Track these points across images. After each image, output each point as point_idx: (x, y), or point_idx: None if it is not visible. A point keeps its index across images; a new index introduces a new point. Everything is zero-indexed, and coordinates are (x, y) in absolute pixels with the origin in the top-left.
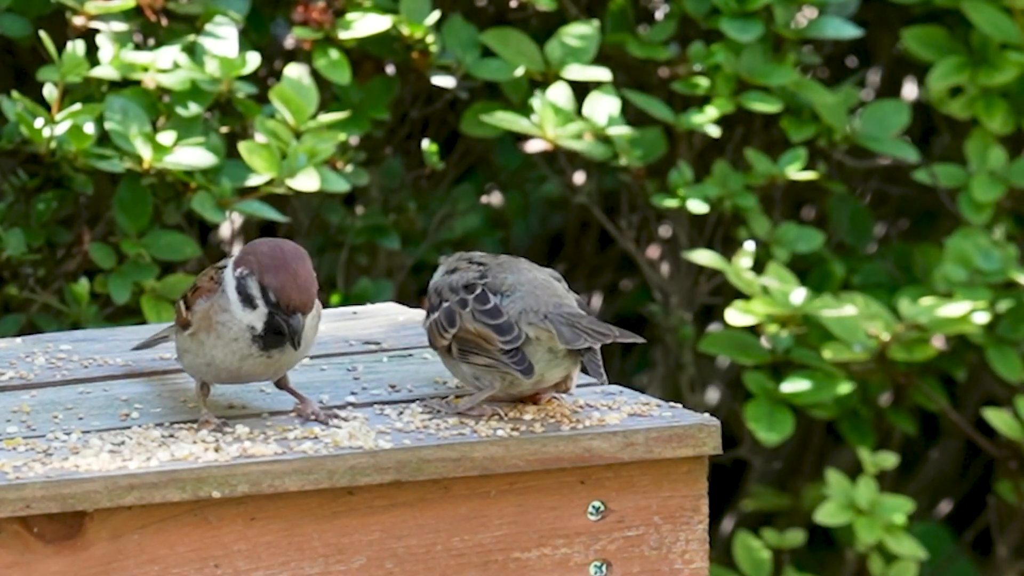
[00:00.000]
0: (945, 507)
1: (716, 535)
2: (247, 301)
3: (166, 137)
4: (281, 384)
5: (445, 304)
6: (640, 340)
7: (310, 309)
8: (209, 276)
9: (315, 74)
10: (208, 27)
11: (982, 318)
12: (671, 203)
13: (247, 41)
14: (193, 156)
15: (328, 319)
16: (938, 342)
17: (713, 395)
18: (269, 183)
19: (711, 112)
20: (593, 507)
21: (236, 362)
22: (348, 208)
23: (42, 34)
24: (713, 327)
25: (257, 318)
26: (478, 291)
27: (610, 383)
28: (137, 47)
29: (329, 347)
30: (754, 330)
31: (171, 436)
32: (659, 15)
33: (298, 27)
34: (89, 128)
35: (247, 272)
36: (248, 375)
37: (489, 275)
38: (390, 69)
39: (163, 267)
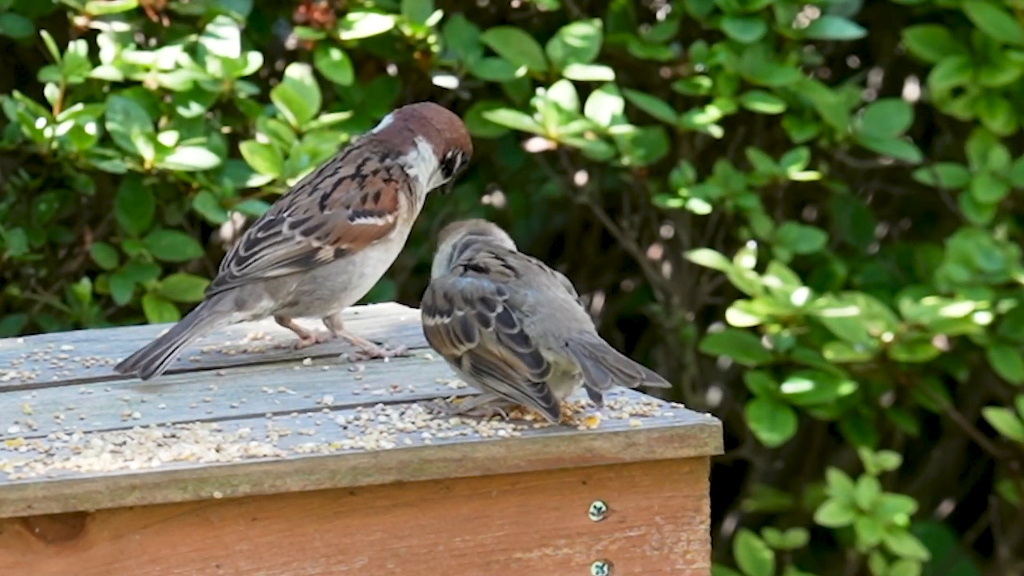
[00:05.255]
0: (947, 507)
1: (718, 535)
2: (447, 173)
3: (168, 137)
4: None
5: (459, 313)
6: (666, 384)
7: None
8: (383, 177)
9: (317, 74)
10: (210, 27)
11: (984, 318)
12: (673, 203)
13: (249, 41)
14: (195, 156)
15: None
16: (940, 342)
17: (715, 395)
18: (271, 183)
19: (713, 112)
20: (595, 507)
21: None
22: None
23: (44, 34)
24: (715, 327)
25: (442, 177)
26: (499, 309)
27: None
28: (139, 47)
29: (331, 347)
30: (756, 330)
31: (173, 436)
32: (661, 15)
33: (300, 27)
34: (91, 128)
35: (460, 152)
36: None
37: (507, 291)
38: (392, 69)
39: (165, 267)
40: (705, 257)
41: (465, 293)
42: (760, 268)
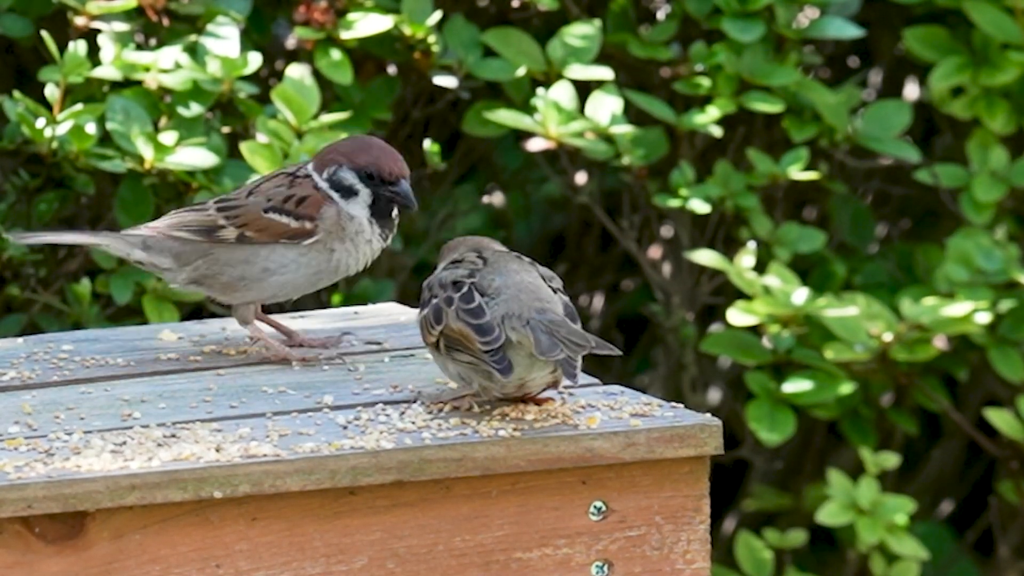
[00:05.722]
0: (947, 507)
1: (718, 535)
2: (347, 192)
3: (168, 137)
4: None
5: (434, 301)
6: (617, 352)
7: (408, 175)
8: (313, 185)
9: (317, 74)
10: (210, 27)
11: (984, 318)
12: (673, 203)
13: (248, 41)
14: (195, 156)
15: (329, 319)
16: (940, 342)
17: (715, 395)
18: None
19: (713, 112)
20: (595, 507)
21: (357, 258)
22: None
23: (44, 34)
24: (715, 327)
25: (360, 205)
26: (464, 289)
27: (611, 383)
28: (139, 47)
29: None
30: (756, 330)
31: (173, 436)
32: (660, 15)
33: (300, 27)
34: (91, 128)
35: (336, 167)
36: (350, 272)
37: (477, 275)
38: (392, 69)
39: None
40: (705, 257)
41: (442, 280)
42: (760, 268)
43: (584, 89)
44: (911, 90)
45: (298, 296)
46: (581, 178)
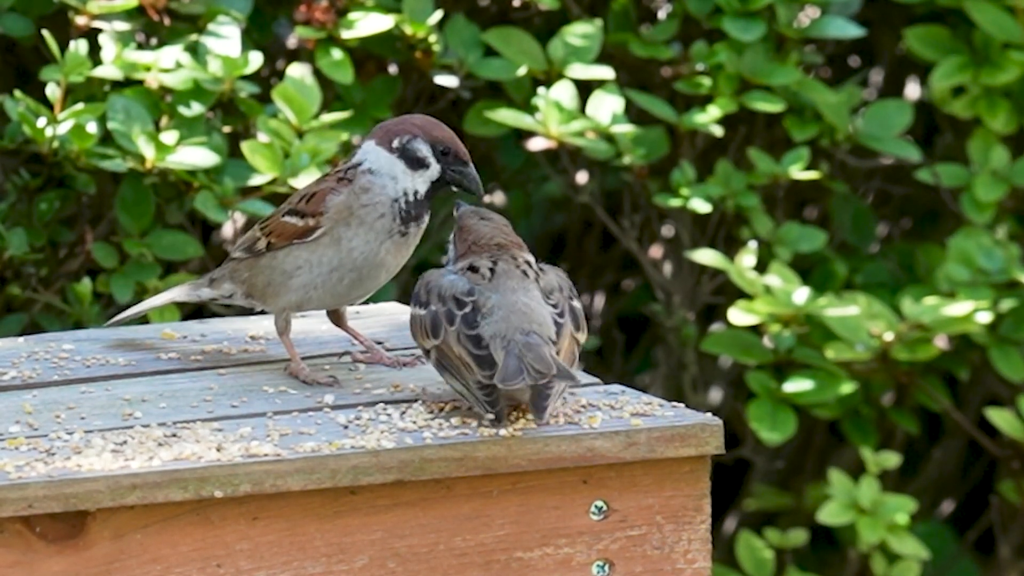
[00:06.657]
0: (948, 507)
1: (719, 535)
2: (416, 164)
3: (169, 136)
4: (341, 323)
5: (433, 308)
6: (578, 379)
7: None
8: (336, 178)
9: (318, 73)
10: (210, 27)
11: (985, 318)
12: (674, 202)
13: (249, 40)
14: (195, 155)
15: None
16: (941, 342)
17: (715, 395)
18: (272, 182)
19: (713, 111)
20: (595, 507)
21: (376, 246)
22: None
23: (45, 33)
24: (715, 327)
25: (425, 180)
26: (467, 309)
27: (612, 383)
28: (140, 47)
29: (332, 347)
30: (756, 330)
31: (173, 436)
32: (661, 14)
33: (301, 26)
34: (92, 128)
35: (410, 137)
36: (376, 267)
37: (477, 291)
38: (392, 68)
39: (165, 267)
40: (706, 256)
41: (442, 289)
42: (761, 267)
43: (585, 88)
44: (912, 89)
45: (335, 302)
46: (582, 177)
